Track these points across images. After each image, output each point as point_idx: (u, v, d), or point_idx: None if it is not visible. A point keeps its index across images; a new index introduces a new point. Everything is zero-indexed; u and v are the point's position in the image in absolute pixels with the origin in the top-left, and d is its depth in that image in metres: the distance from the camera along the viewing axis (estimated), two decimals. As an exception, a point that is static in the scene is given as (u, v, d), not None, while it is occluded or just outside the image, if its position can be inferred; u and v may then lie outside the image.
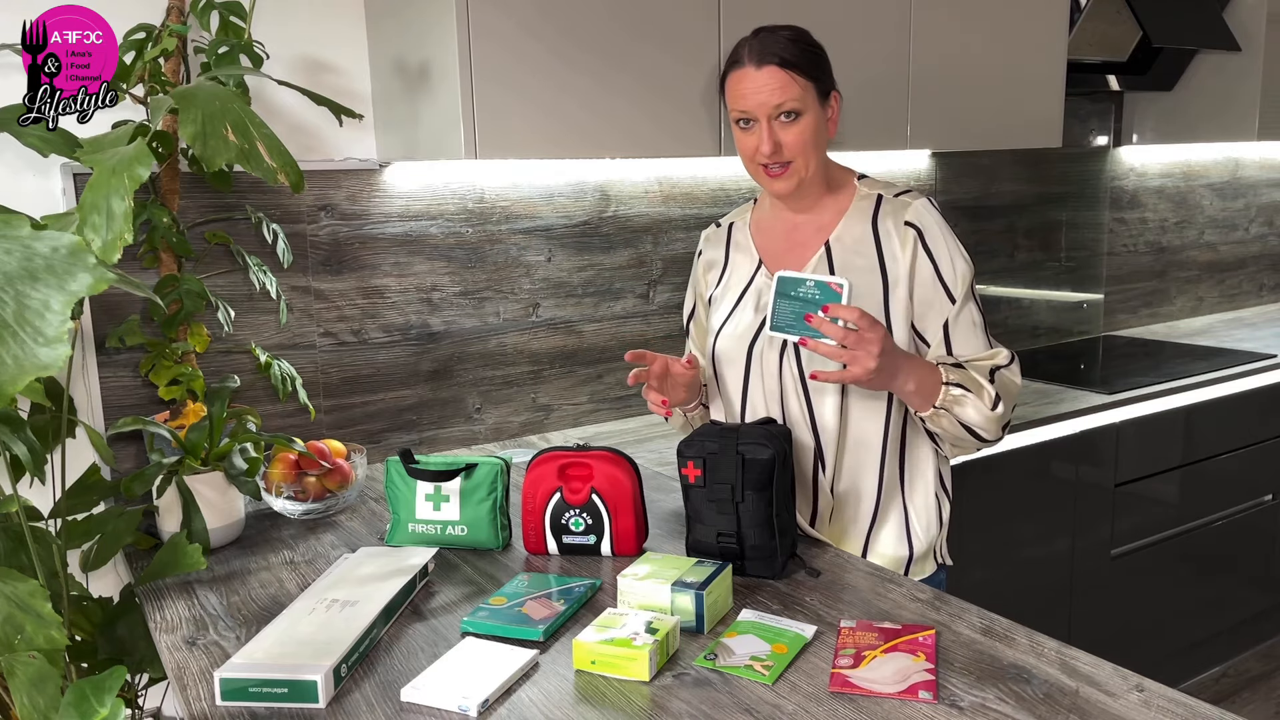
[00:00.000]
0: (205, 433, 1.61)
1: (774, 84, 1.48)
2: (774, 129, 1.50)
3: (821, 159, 1.55)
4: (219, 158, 1.35)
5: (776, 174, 1.53)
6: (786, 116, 1.50)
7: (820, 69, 1.52)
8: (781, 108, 1.49)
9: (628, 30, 1.89)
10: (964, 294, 1.54)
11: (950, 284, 1.53)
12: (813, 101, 1.50)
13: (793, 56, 1.48)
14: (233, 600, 1.44)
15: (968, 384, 1.49)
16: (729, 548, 1.43)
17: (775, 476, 1.42)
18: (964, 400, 1.49)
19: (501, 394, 2.27)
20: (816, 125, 1.51)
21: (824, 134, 1.54)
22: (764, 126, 1.50)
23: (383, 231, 2.08)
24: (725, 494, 1.42)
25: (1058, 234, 3.22)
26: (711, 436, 1.45)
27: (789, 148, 1.51)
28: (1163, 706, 1.08)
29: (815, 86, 1.51)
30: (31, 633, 1.15)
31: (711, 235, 1.75)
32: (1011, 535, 2.42)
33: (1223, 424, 2.79)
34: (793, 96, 1.48)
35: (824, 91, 1.53)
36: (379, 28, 1.99)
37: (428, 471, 1.56)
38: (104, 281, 0.99)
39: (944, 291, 1.53)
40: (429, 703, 1.12)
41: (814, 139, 1.51)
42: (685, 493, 1.48)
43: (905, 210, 1.55)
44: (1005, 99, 2.46)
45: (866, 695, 1.12)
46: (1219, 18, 3.03)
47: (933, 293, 1.53)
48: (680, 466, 1.46)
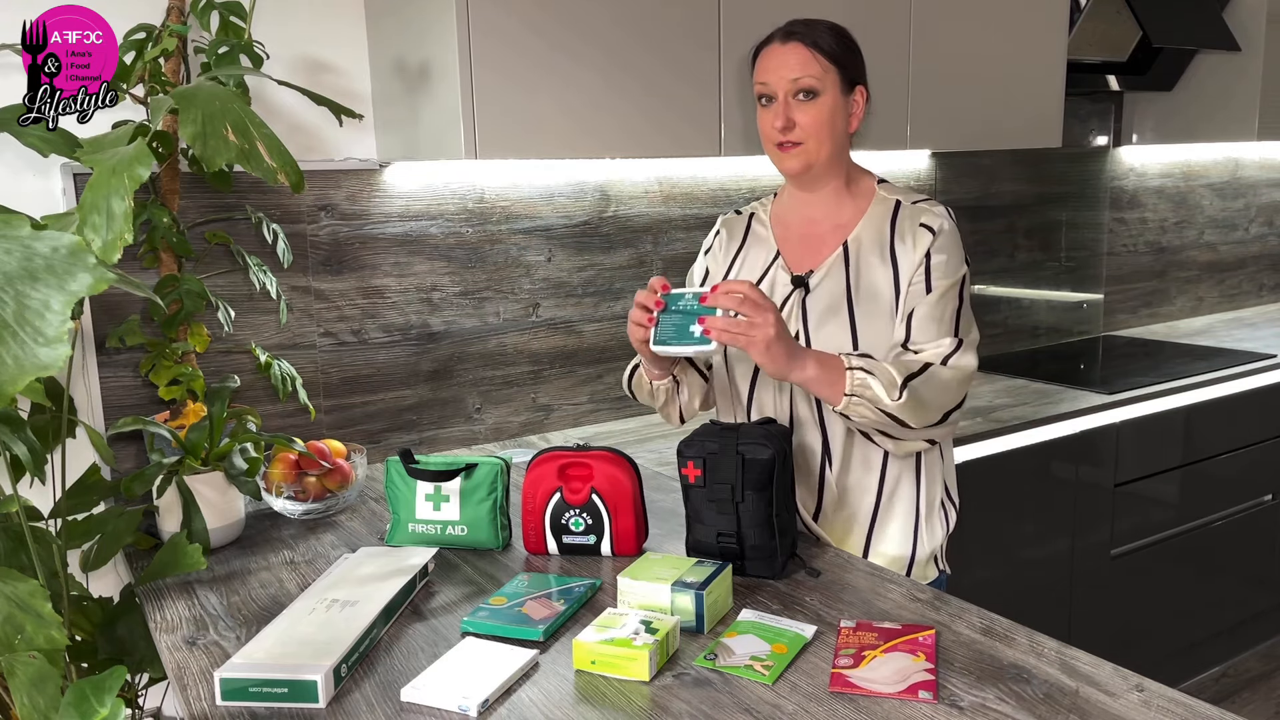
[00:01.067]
0: (205, 433, 1.61)
1: (795, 59, 1.49)
2: (790, 106, 1.51)
3: (836, 147, 1.55)
4: (219, 158, 1.35)
5: (787, 149, 1.53)
6: (804, 95, 1.50)
7: (848, 57, 1.53)
8: (799, 83, 1.49)
9: (628, 30, 1.89)
10: (944, 287, 1.51)
11: (935, 277, 1.51)
12: (833, 85, 1.51)
13: (821, 40, 1.50)
14: (233, 600, 1.44)
15: (872, 368, 1.44)
16: (729, 548, 1.43)
17: (775, 476, 1.42)
18: (869, 383, 1.43)
19: (501, 394, 2.27)
20: (833, 109, 1.52)
21: (842, 122, 1.54)
22: (780, 102, 1.51)
23: (383, 231, 2.08)
24: (725, 494, 1.42)
25: (1058, 234, 3.22)
26: (711, 436, 1.44)
27: (803, 127, 1.51)
28: (1163, 706, 1.08)
29: (839, 72, 1.51)
30: (31, 633, 1.15)
31: (732, 220, 1.72)
32: (1011, 535, 2.42)
33: (1223, 424, 2.78)
34: (812, 74, 1.49)
35: (849, 80, 1.53)
36: (379, 27, 1.99)
37: (428, 471, 1.56)
38: (104, 281, 0.99)
39: (925, 280, 1.52)
40: (429, 703, 1.12)
41: (829, 122, 1.51)
42: (685, 493, 1.47)
43: (923, 215, 1.54)
44: (1005, 99, 2.46)
45: (866, 695, 1.12)
46: (1219, 18, 3.03)
47: (919, 283, 1.52)
48: (680, 466, 1.46)
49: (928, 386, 1.46)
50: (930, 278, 1.52)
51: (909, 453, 1.57)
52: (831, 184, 1.59)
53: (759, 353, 1.38)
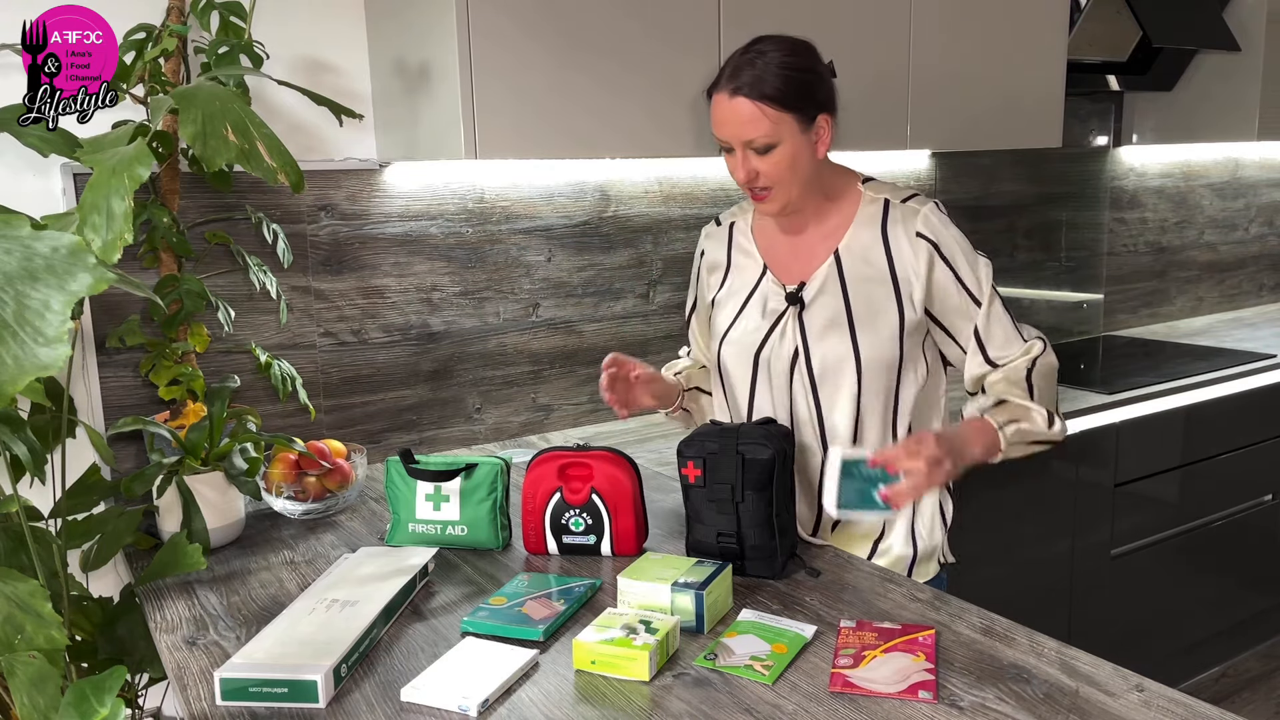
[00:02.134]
0: (205, 433, 1.61)
1: (743, 117, 1.44)
2: (749, 157, 1.47)
3: (807, 181, 1.51)
4: (219, 158, 1.35)
5: (760, 197, 1.51)
6: (760, 151, 1.46)
7: (803, 98, 1.44)
8: (752, 143, 1.45)
9: (628, 30, 1.89)
10: (989, 294, 1.53)
11: (973, 288, 1.53)
12: (790, 132, 1.44)
13: (770, 88, 1.42)
14: (233, 600, 1.44)
15: (1017, 415, 1.51)
16: (729, 548, 1.43)
17: (775, 476, 1.42)
18: (1022, 431, 1.50)
19: (501, 394, 2.27)
20: (794, 154, 1.46)
21: (808, 158, 1.48)
22: (739, 154, 1.47)
23: (383, 231, 2.08)
24: (725, 494, 1.42)
25: (1058, 234, 3.22)
26: (711, 436, 1.44)
27: (765, 176, 1.48)
28: (1163, 706, 1.08)
29: (794, 117, 1.44)
30: (31, 633, 1.15)
31: (713, 233, 1.72)
32: (1011, 535, 2.42)
33: (1223, 424, 2.78)
34: (763, 132, 1.44)
35: (808, 118, 1.46)
36: (379, 28, 1.99)
37: (428, 471, 1.56)
38: (104, 281, 0.99)
39: (969, 297, 1.53)
40: (429, 703, 1.12)
41: (791, 167, 1.47)
42: (685, 493, 1.47)
43: (915, 219, 1.52)
44: (1005, 99, 2.46)
45: (866, 695, 1.12)
46: (1219, 18, 3.03)
47: (958, 299, 1.53)
48: (680, 466, 1.46)
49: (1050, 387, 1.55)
50: (969, 288, 1.53)
51: None
52: (812, 204, 1.56)
53: (941, 479, 1.40)
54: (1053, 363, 1.56)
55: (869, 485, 1.39)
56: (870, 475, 1.39)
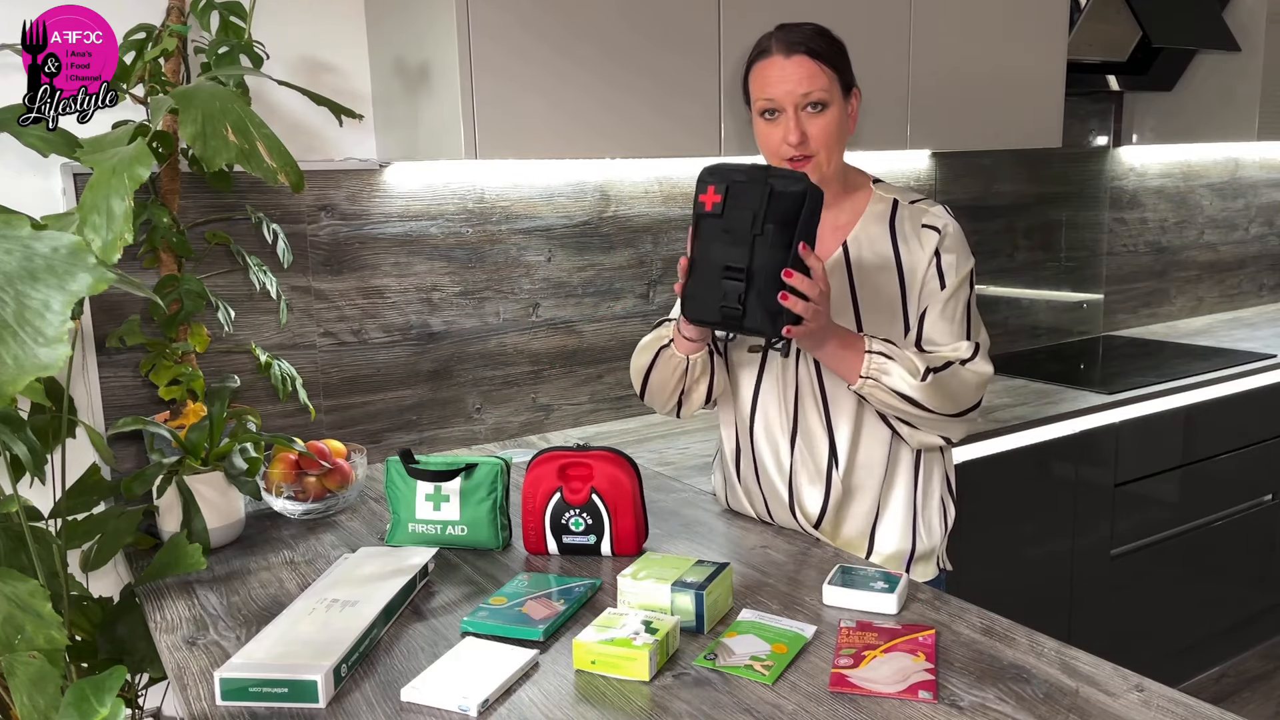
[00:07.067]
0: (205, 433, 1.61)
1: (803, 73, 1.47)
2: (801, 119, 1.49)
3: (841, 155, 1.55)
4: (219, 158, 1.35)
5: (799, 165, 1.51)
6: (814, 107, 1.49)
7: (844, 62, 1.52)
8: (809, 97, 1.48)
9: (628, 30, 1.89)
10: (955, 285, 1.53)
11: (946, 274, 1.53)
12: (838, 94, 1.50)
13: (820, 47, 1.49)
14: (233, 600, 1.44)
15: (892, 354, 1.46)
16: (733, 283, 1.30)
17: (802, 217, 1.31)
18: (888, 367, 1.45)
19: (501, 394, 2.27)
20: (840, 119, 1.51)
21: (845, 129, 1.54)
22: (791, 116, 1.49)
23: (383, 231, 2.08)
24: (745, 221, 1.29)
25: (1058, 234, 3.22)
26: (740, 169, 1.33)
27: (814, 139, 1.49)
28: (1163, 706, 1.08)
29: (840, 80, 1.51)
30: (31, 633, 1.15)
31: None
32: (1011, 535, 2.42)
33: (1223, 424, 2.78)
34: (821, 86, 1.48)
35: (846, 86, 1.53)
36: (379, 28, 1.99)
37: (428, 471, 1.56)
38: (104, 281, 0.99)
39: (939, 279, 1.53)
40: (429, 703, 1.12)
41: (838, 132, 1.51)
42: (695, 226, 1.35)
43: (924, 215, 1.55)
44: (1005, 99, 2.46)
45: (866, 695, 1.12)
46: (1219, 18, 3.03)
47: (932, 281, 1.53)
48: (698, 193, 1.34)
49: (950, 379, 1.48)
50: (943, 277, 1.53)
51: (924, 445, 1.57)
52: (831, 189, 1.58)
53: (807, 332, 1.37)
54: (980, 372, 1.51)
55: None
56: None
